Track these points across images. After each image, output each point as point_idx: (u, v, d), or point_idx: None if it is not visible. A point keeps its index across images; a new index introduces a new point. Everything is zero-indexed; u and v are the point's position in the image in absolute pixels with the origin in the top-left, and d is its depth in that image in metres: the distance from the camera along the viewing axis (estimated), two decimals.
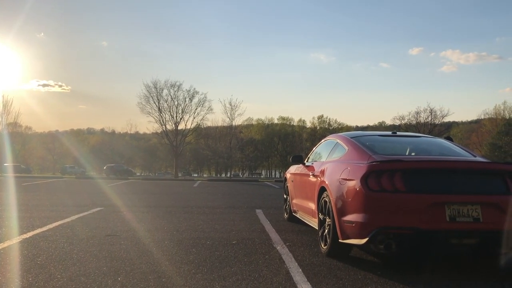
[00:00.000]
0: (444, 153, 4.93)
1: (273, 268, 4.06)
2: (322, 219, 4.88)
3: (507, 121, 69.69)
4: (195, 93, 49.36)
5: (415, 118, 51.65)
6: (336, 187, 4.49)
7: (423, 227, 3.76)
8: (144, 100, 48.04)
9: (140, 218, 7.45)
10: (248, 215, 8.19)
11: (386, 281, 3.69)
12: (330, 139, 6.10)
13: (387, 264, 4.36)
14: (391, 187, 3.89)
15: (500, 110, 77.70)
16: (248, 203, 10.97)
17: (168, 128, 48.98)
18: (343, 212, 4.25)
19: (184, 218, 7.53)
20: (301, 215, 6.41)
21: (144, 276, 3.74)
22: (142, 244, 5.12)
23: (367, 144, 4.96)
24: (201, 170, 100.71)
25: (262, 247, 5.04)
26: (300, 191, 6.42)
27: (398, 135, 5.70)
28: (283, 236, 5.81)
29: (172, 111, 48.97)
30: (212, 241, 5.36)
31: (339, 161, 4.96)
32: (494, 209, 3.88)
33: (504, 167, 4.10)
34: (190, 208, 9.37)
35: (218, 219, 7.44)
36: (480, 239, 3.92)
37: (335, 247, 4.47)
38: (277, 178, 61.64)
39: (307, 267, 4.13)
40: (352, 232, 4.11)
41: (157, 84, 48.43)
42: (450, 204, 3.81)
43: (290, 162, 7.11)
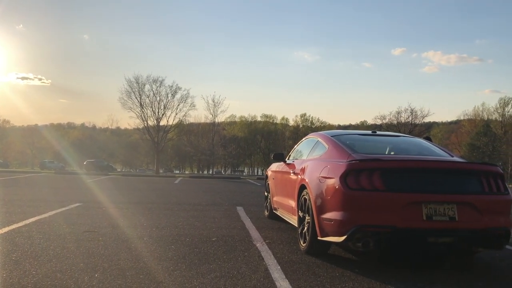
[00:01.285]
0: (423, 152, 5.00)
1: (252, 265, 4.07)
2: (302, 216, 4.90)
3: (485, 122, 71.09)
4: (177, 89, 49.13)
5: (396, 118, 52.32)
6: (316, 185, 4.52)
7: (401, 226, 3.82)
8: (126, 95, 47.63)
9: (120, 215, 7.38)
10: (229, 212, 8.19)
11: (363, 279, 3.73)
12: (311, 138, 6.14)
13: (365, 262, 4.41)
14: (369, 185, 3.94)
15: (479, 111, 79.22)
16: (229, 200, 10.96)
17: (149, 124, 48.66)
18: (322, 210, 4.28)
19: (164, 215, 7.48)
20: (282, 213, 6.43)
21: (122, 272, 3.71)
22: (121, 241, 5.08)
23: (347, 143, 5.01)
24: (183, 166, 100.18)
25: (241, 244, 5.05)
26: (281, 188, 6.44)
27: (377, 135, 5.77)
28: (263, 233, 5.82)
29: (154, 106, 48.66)
30: (191, 238, 5.34)
31: (319, 159, 4.99)
32: (470, 208, 3.95)
33: (479, 167, 4.19)
34: (170, 205, 9.32)
35: (198, 216, 7.42)
36: (455, 237, 3.99)
37: (314, 245, 4.50)
38: (259, 175, 61.77)
39: (286, 264, 4.15)
40: (330, 230, 4.14)
41: (139, 79, 48.08)
42: (427, 203, 3.87)
43: (272, 160, 7.13)
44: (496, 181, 4.16)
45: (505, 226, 4.06)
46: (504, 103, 76.62)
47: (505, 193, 4.16)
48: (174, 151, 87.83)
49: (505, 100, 76.75)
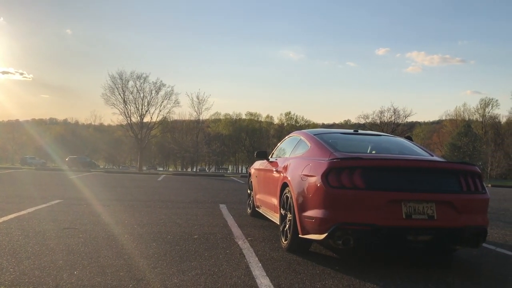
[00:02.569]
0: (404, 152, 5.05)
1: (233, 263, 4.07)
2: (284, 214, 4.92)
3: (466, 123, 72.28)
4: (161, 86, 48.84)
5: (379, 117, 52.79)
6: (298, 183, 4.55)
7: (380, 224, 3.86)
8: (109, 91, 47.17)
9: (101, 212, 7.31)
10: (212, 210, 8.18)
11: (343, 276, 3.77)
12: (294, 136, 6.16)
13: (345, 260, 4.45)
14: (350, 184, 3.97)
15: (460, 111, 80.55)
16: (212, 198, 10.94)
17: (133, 121, 48.26)
18: (304, 207, 4.30)
19: (146, 212, 7.44)
20: (264, 210, 6.45)
21: (102, 270, 3.68)
22: (101, 238, 5.03)
23: (329, 141, 5.04)
24: (166, 164, 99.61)
25: (223, 242, 5.05)
26: (264, 186, 6.46)
27: (359, 134, 5.81)
28: (245, 231, 5.83)
29: (138, 103, 48.31)
30: (173, 236, 5.32)
31: (302, 158, 5.02)
32: (448, 207, 4.02)
33: (458, 167, 4.25)
34: (152, 202, 9.27)
35: (180, 214, 7.39)
36: (434, 235, 4.05)
37: (295, 242, 4.53)
38: (243, 173, 61.73)
39: (267, 261, 4.17)
40: (312, 228, 4.17)
41: (123, 75, 47.65)
42: (407, 201, 3.92)
43: (255, 157, 7.14)
44: (474, 181, 4.23)
45: (482, 224, 4.14)
46: (485, 104, 78.05)
47: (482, 192, 4.24)
48: (158, 148, 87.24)
49: (485, 101, 78.20)
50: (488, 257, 4.94)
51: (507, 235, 6.51)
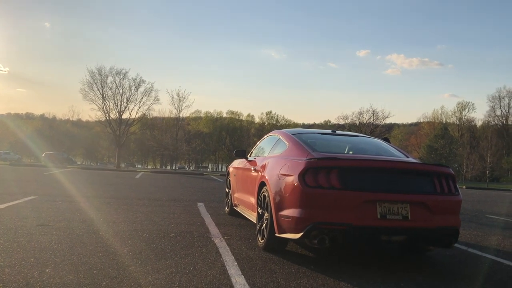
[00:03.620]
0: (380, 153, 5.11)
1: (209, 261, 4.06)
2: (261, 213, 4.93)
3: (443, 125, 73.67)
4: (141, 82, 48.24)
5: (358, 118, 53.26)
6: (275, 182, 4.55)
7: (355, 224, 3.89)
8: (87, 87, 46.35)
9: (76, 209, 7.20)
10: (189, 208, 8.13)
11: (318, 275, 3.79)
12: (273, 135, 6.18)
13: (321, 259, 4.48)
14: (327, 184, 3.99)
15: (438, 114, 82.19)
16: (190, 196, 10.88)
17: (111, 117, 47.60)
18: (281, 207, 4.31)
19: (122, 210, 7.35)
20: (242, 209, 6.44)
21: (74, 267, 3.62)
22: (75, 235, 4.95)
23: (307, 141, 5.06)
24: (145, 161, 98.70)
25: (200, 240, 5.03)
26: (242, 185, 6.45)
27: (337, 134, 5.86)
28: (222, 230, 5.82)
29: (117, 99, 47.61)
30: (149, 234, 5.27)
31: (280, 157, 5.03)
32: (422, 207, 4.08)
33: (432, 169, 4.32)
34: (129, 199, 9.17)
35: (157, 212, 7.33)
36: (408, 236, 4.12)
37: (271, 241, 4.53)
38: (223, 172, 61.58)
39: (243, 260, 4.16)
40: (288, 227, 4.18)
41: (102, 70, 46.85)
42: (381, 202, 3.97)
43: (234, 156, 7.13)
44: (447, 182, 4.31)
45: (455, 225, 4.22)
46: (462, 108, 79.77)
47: (455, 193, 4.32)
48: (137, 145, 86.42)
49: (462, 104, 79.97)
50: (460, 257, 5.03)
51: (479, 236, 6.65)
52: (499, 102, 79.22)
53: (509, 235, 7.01)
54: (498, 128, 78.64)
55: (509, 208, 13.16)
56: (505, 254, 5.33)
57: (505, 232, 7.35)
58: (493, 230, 7.45)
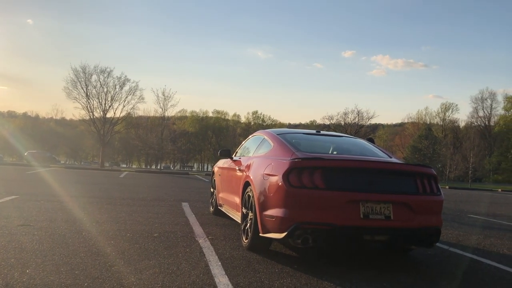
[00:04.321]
0: (364, 153, 5.15)
1: (193, 261, 4.04)
2: (245, 213, 4.93)
3: (427, 126, 74.55)
4: (126, 81, 47.91)
5: (343, 118, 53.66)
6: (260, 182, 4.56)
7: (339, 223, 3.92)
8: (71, 85, 45.86)
9: (59, 208, 7.11)
10: (174, 208, 8.10)
11: (301, 275, 3.81)
12: (258, 135, 6.18)
13: (304, 258, 4.50)
14: (311, 184, 4.01)
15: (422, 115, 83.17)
16: (175, 196, 10.84)
17: (96, 116, 47.16)
18: (265, 206, 4.32)
19: (105, 210, 7.29)
20: (226, 209, 6.44)
21: (56, 268, 3.58)
22: (58, 235, 4.89)
23: (292, 141, 5.08)
24: (130, 161, 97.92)
25: (183, 240, 5.01)
26: (226, 185, 6.45)
27: (321, 134, 5.89)
28: (207, 230, 5.80)
29: (101, 98, 47.23)
30: (132, 234, 5.24)
31: (264, 157, 5.04)
32: (404, 207, 4.12)
33: (415, 169, 4.37)
34: (113, 199, 9.09)
35: (141, 212, 7.28)
36: (390, 235, 4.16)
37: (255, 241, 4.54)
38: (208, 171, 61.45)
39: (227, 260, 4.16)
40: (272, 227, 4.19)
41: (86, 69, 46.41)
42: (365, 202, 4.00)
43: (219, 156, 7.12)
44: (430, 183, 4.36)
45: (437, 225, 4.28)
46: (445, 108, 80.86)
47: (437, 194, 4.37)
48: (122, 145, 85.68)
49: (446, 105, 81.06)
50: (442, 256, 5.10)
51: (460, 235, 6.75)
52: (481, 103, 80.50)
53: (489, 234, 7.13)
54: (480, 129, 79.85)
55: (490, 207, 13.38)
56: (485, 253, 5.42)
57: (486, 231, 7.48)
58: (474, 230, 7.57)
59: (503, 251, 5.69)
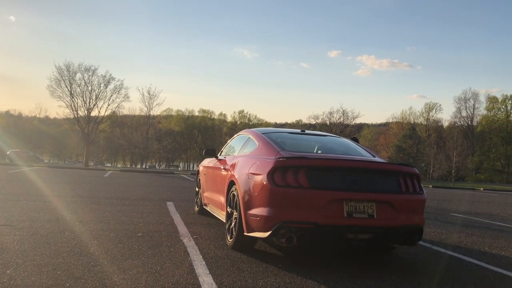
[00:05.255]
0: (348, 152, 5.19)
1: (177, 261, 4.03)
2: (230, 212, 4.93)
3: (411, 126, 75.35)
4: (111, 79, 47.57)
5: (328, 118, 53.94)
6: (244, 181, 4.56)
7: (323, 222, 3.94)
8: (55, 83, 45.35)
9: (41, 208, 7.02)
10: (158, 207, 8.05)
11: (285, 273, 3.82)
12: (243, 134, 6.18)
13: (289, 257, 4.52)
14: (295, 182, 4.03)
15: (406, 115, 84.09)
16: (159, 195, 10.78)
17: (80, 114, 46.69)
18: (249, 205, 4.32)
19: (89, 209, 7.21)
20: (211, 208, 6.43)
21: (38, 268, 3.53)
22: (39, 235, 4.83)
23: (277, 140, 5.09)
24: (115, 160, 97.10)
25: (168, 240, 4.98)
26: (211, 184, 6.43)
27: (306, 133, 5.91)
28: (191, 229, 5.78)
29: (85, 96, 46.80)
30: (116, 233, 5.19)
31: (249, 156, 5.04)
32: (387, 206, 4.16)
33: (397, 168, 4.41)
34: (97, 199, 9.00)
35: (125, 211, 7.22)
36: (373, 234, 4.19)
37: (240, 240, 4.54)
38: (194, 171, 61.25)
39: (211, 259, 4.15)
40: (256, 226, 4.20)
41: (70, 67, 45.94)
42: (348, 200, 4.03)
43: (204, 155, 7.10)
44: (412, 182, 4.40)
45: (419, 223, 4.32)
46: (429, 108, 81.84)
47: (420, 193, 4.42)
48: (106, 143, 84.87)
49: (430, 105, 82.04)
50: (424, 254, 5.16)
51: (443, 234, 6.84)
52: (464, 103, 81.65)
53: (471, 232, 7.23)
54: (463, 129, 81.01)
55: (472, 206, 13.58)
56: (467, 251, 5.50)
57: (468, 230, 7.59)
58: (456, 228, 7.67)
59: (484, 249, 5.78)
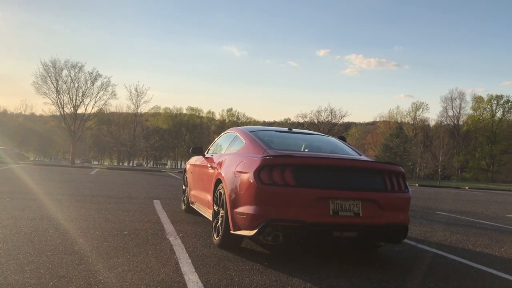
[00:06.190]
0: (335, 151, 5.21)
1: (162, 259, 4.01)
2: (217, 210, 4.92)
3: (398, 125, 75.94)
4: (98, 76, 47.25)
5: (316, 117, 54.09)
6: (231, 179, 4.55)
7: (308, 220, 3.95)
8: (41, 80, 44.89)
9: (25, 206, 6.93)
10: (145, 205, 8.01)
11: (271, 271, 3.82)
12: (230, 132, 6.17)
13: (275, 255, 4.52)
14: (281, 181, 4.03)
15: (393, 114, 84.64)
16: (146, 193, 10.72)
17: (66, 112, 46.24)
18: (236, 204, 4.32)
19: (74, 207, 7.14)
20: (198, 207, 6.41)
21: (20, 267, 3.48)
22: (23, 234, 4.77)
23: (265, 139, 5.09)
24: (102, 157, 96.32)
25: (154, 238, 4.96)
26: (198, 182, 6.41)
27: (293, 132, 5.92)
28: (178, 227, 5.76)
29: (72, 93, 46.39)
30: (101, 232, 5.15)
31: (236, 154, 5.03)
32: (373, 204, 4.19)
33: (383, 167, 4.44)
34: (82, 197, 8.92)
35: (111, 209, 7.17)
36: (359, 232, 4.21)
37: (226, 238, 4.53)
38: (181, 169, 61.00)
39: (197, 258, 4.14)
40: (243, 224, 4.20)
41: (56, 63, 45.50)
42: (334, 199, 4.05)
43: (191, 153, 7.07)
44: (398, 180, 4.44)
45: (404, 222, 4.36)
46: (416, 108, 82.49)
47: (405, 191, 4.46)
48: (93, 141, 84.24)
49: (417, 104, 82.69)
50: (409, 252, 5.21)
51: (428, 232, 6.91)
52: (451, 103, 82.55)
53: (455, 230, 7.32)
54: (450, 128, 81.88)
55: (457, 205, 13.74)
56: (451, 249, 5.57)
57: (452, 228, 7.67)
58: (441, 226, 7.75)
59: (468, 246, 5.86)
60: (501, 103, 78.41)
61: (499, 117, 78.52)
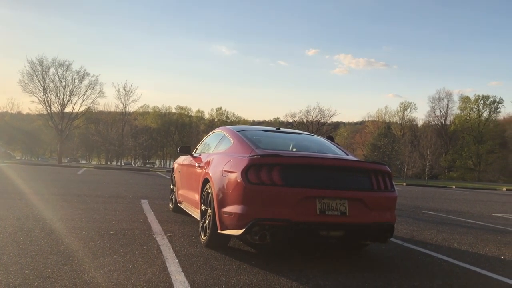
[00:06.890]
0: (322, 150, 5.23)
1: (149, 259, 3.99)
2: (204, 210, 4.91)
3: (387, 124, 76.54)
4: (85, 75, 46.87)
5: (305, 116, 54.28)
6: (219, 178, 4.55)
7: (295, 219, 3.97)
8: (27, 78, 44.40)
9: (10, 206, 6.85)
10: (132, 205, 7.96)
11: (258, 271, 3.83)
12: (218, 132, 6.17)
13: (262, 254, 4.53)
14: (269, 180, 4.04)
15: (382, 114, 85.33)
16: (134, 192, 10.66)
17: (53, 110, 45.80)
18: (223, 203, 4.32)
19: (61, 207, 7.08)
20: (186, 206, 6.39)
21: (5, 268, 3.45)
22: (8, 234, 4.72)
23: (253, 138, 5.10)
24: (90, 157, 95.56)
25: (141, 238, 4.94)
26: (186, 182, 6.40)
27: (281, 131, 5.93)
28: (165, 227, 5.74)
29: (59, 92, 45.98)
30: (88, 231, 5.11)
31: (224, 154, 5.03)
32: (359, 204, 4.22)
33: (370, 166, 4.47)
34: (69, 196, 8.84)
35: (98, 209, 7.12)
36: (346, 231, 4.24)
37: (214, 238, 4.53)
38: (170, 168, 60.75)
39: (184, 257, 4.13)
40: (230, 223, 4.20)
41: (43, 61, 45.04)
42: (321, 198, 4.07)
43: (179, 152, 7.05)
44: (384, 179, 4.47)
45: (390, 221, 4.39)
46: (404, 107, 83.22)
47: (391, 190, 4.49)
48: (81, 140, 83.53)
49: (405, 104, 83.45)
50: (396, 251, 5.26)
51: (414, 231, 6.97)
52: (438, 103, 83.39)
53: (441, 229, 7.39)
54: (437, 128, 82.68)
55: (444, 204, 13.88)
56: (437, 248, 5.63)
57: (438, 226, 7.75)
58: (428, 225, 7.83)
59: (453, 245, 5.92)
60: (488, 103, 79.51)
61: (486, 117, 79.58)
